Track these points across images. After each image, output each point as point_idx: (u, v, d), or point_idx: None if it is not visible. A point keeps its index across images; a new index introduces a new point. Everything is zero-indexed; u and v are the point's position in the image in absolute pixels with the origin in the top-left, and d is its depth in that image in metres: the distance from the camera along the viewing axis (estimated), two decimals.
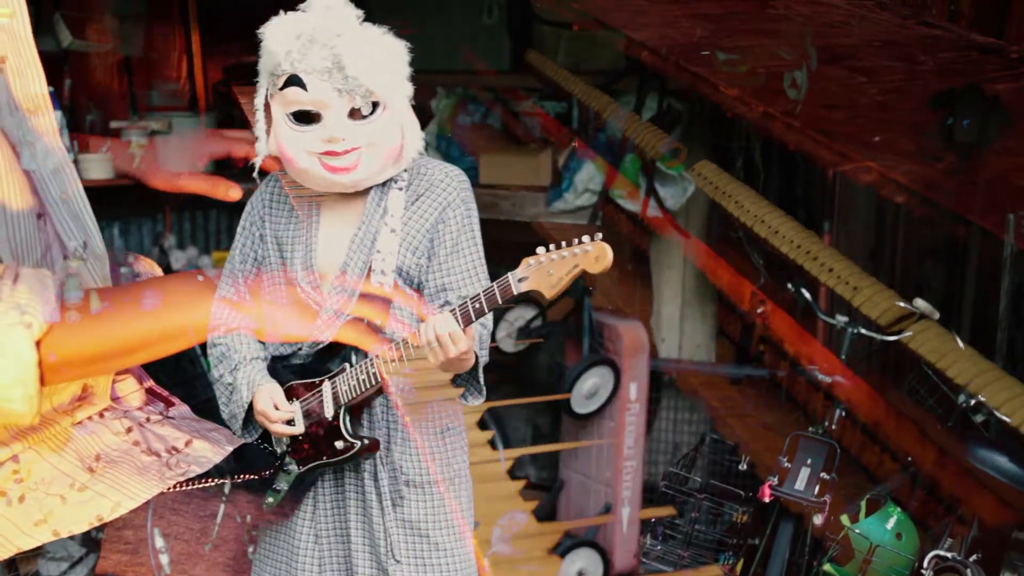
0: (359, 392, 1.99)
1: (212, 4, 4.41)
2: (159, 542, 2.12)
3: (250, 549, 2.17)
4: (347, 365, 2.01)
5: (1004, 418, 2.66)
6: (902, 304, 2.86)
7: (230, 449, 2.18)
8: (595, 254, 1.83)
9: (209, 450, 2.14)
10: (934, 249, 3.37)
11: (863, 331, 2.97)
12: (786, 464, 2.82)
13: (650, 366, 3.96)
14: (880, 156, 2.74)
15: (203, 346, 3.86)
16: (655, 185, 3.97)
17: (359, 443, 2.02)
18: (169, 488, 2.04)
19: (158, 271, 2.45)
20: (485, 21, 4.31)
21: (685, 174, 3.99)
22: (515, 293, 1.86)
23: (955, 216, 2.74)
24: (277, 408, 2.02)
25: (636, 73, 4.08)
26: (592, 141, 4.10)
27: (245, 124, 2.57)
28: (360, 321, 2.00)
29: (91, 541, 2.69)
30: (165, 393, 2.29)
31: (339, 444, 2.02)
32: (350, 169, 1.94)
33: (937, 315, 2.82)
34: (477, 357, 1.97)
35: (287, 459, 2.08)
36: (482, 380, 2.01)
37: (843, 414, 3.06)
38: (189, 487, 2.11)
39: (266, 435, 2.11)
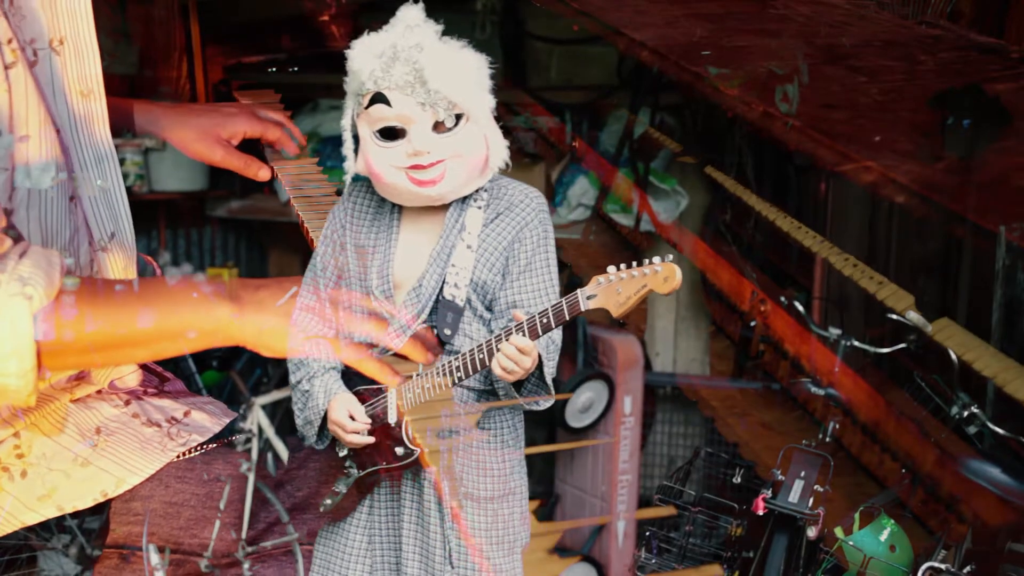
0: (422, 400, 2.00)
1: (213, 4, 4.42)
2: (154, 559, 2.12)
3: (245, 566, 2.18)
4: (413, 373, 2.02)
5: (997, 429, 2.68)
6: (894, 316, 2.88)
7: (227, 421, 2.19)
8: (664, 275, 1.84)
9: (208, 420, 2.15)
10: (927, 263, 3.39)
11: (856, 343, 2.98)
12: (780, 477, 2.83)
13: (644, 380, 3.97)
14: (880, 156, 2.75)
15: (197, 362, 3.88)
16: (648, 200, 3.99)
17: (418, 451, 2.02)
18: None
19: (160, 273, 2.46)
20: (478, 36, 4.33)
21: (678, 188, 4.01)
22: (583, 310, 1.87)
23: (954, 216, 2.75)
24: (353, 418, 2.03)
25: (629, 88, 4.10)
26: (591, 144, 4.11)
27: None
28: (428, 333, 2.02)
29: (86, 558, 2.69)
30: (159, 368, 2.29)
31: (399, 451, 2.03)
32: (436, 182, 1.96)
33: (930, 328, 2.83)
34: (541, 360, 1.97)
35: (348, 462, 2.09)
36: (550, 382, 2.01)
37: (837, 426, 3.07)
38: (191, 454, 2.13)
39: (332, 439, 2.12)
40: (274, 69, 4.31)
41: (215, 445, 2.17)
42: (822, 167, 3.21)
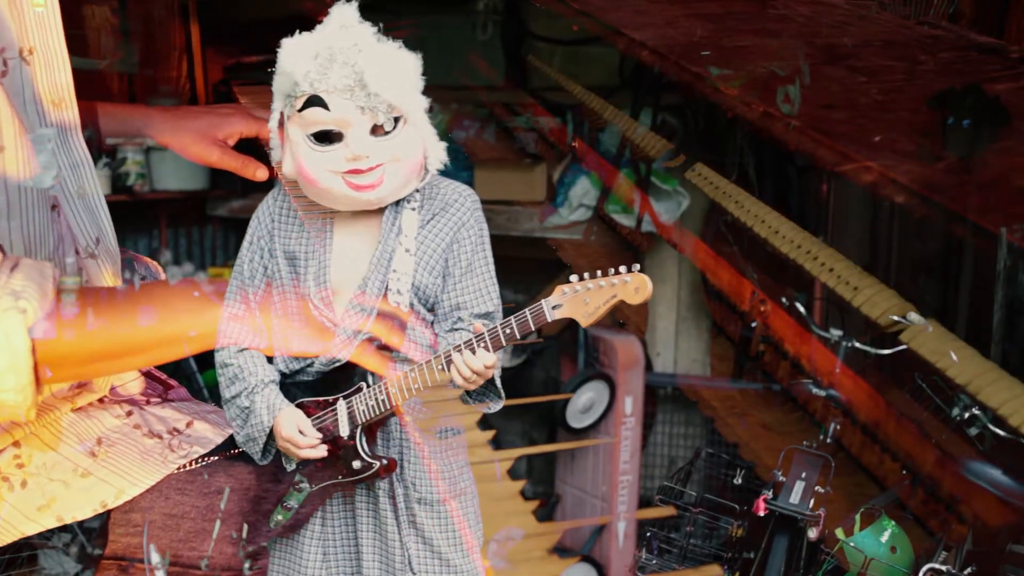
0: (378, 412, 1.98)
1: (213, 4, 4.43)
2: (155, 558, 2.11)
3: (246, 565, 2.17)
4: (364, 385, 1.99)
5: (998, 431, 2.67)
6: (895, 317, 2.88)
7: (231, 431, 2.17)
8: (634, 285, 1.83)
9: (211, 431, 2.13)
10: (928, 264, 3.38)
11: (857, 345, 2.98)
12: (781, 478, 2.83)
13: (645, 380, 3.96)
14: (880, 156, 2.74)
15: (198, 361, 3.88)
16: (649, 201, 3.99)
17: (377, 463, 2.00)
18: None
19: (162, 274, 2.45)
20: (480, 37, 4.33)
21: (679, 189, 4.00)
22: (548, 320, 1.86)
23: (955, 216, 2.75)
24: (303, 433, 2.00)
25: (630, 89, 4.10)
26: (593, 145, 4.11)
27: None
28: (375, 341, 1.99)
29: (87, 557, 2.68)
30: (163, 376, 2.28)
31: (356, 464, 2.00)
32: (375, 186, 1.92)
33: (931, 328, 2.83)
34: None
35: (299, 477, 2.06)
36: (500, 384, 2.00)
37: (838, 427, 3.07)
38: (192, 466, 2.12)
39: (278, 453, 2.09)
40: (274, 69, 4.31)
41: (217, 457, 2.16)
42: (822, 167, 3.21)
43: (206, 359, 4.03)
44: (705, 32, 3.14)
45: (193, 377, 3.83)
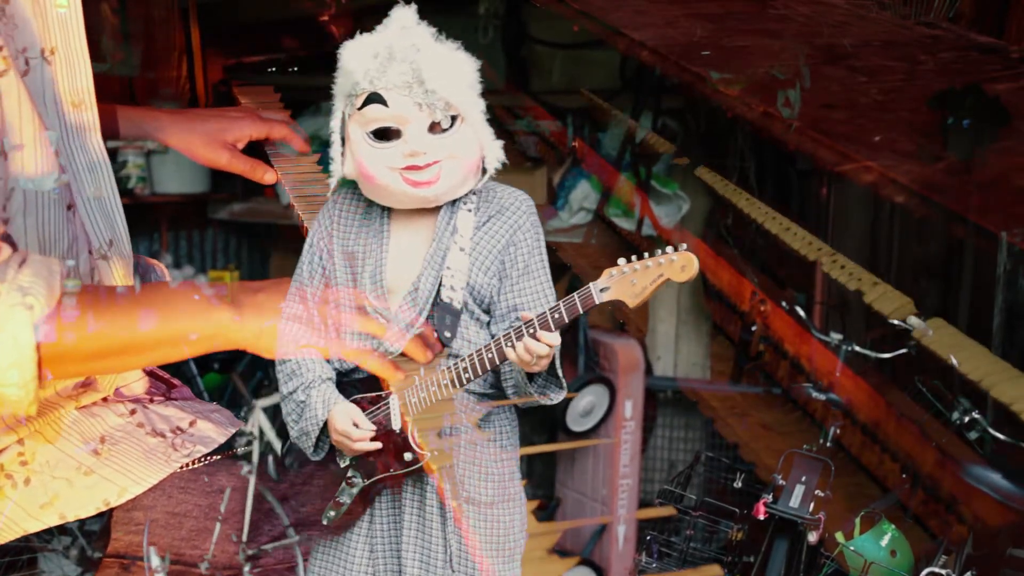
0: (428, 404, 2.00)
1: (213, 4, 4.44)
2: (155, 561, 2.12)
3: (247, 567, 2.17)
4: (415, 377, 2.01)
5: (998, 435, 2.67)
6: (895, 322, 2.88)
7: (233, 431, 2.18)
8: (681, 263, 1.88)
9: (213, 430, 2.14)
10: (928, 267, 3.38)
11: (857, 349, 2.98)
12: (781, 481, 2.83)
13: (645, 384, 3.96)
14: (880, 156, 2.75)
15: (199, 364, 3.88)
16: (650, 204, 3.99)
17: (428, 455, 2.01)
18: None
19: (167, 277, 2.45)
20: (480, 40, 4.34)
21: (680, 192, 4.00)
22: (596, 303, 1.89)
23: (955, 217, 2.75)
24: (357, 426, 2.01)
25: (631, 92, 4.10)
26: (593, 148, 4.12)
27: None
28: (428, 330, 2.01)
29: (87, 560, 2.68)
30: (166, 375, 2.29)
31: (407, 456, 2.02)
32: (432, 183, 1.95)
33: (931, 332, 2.83)
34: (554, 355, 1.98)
35: (351, 472, 2.07)
36: (561, 374, 2.02)
37: (838, 431, 3.07)
38: (195, 465, 2.12)
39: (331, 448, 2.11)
40: (274, 69, 4.33)
41: (219, 456, 2.16)
42: (822, 167, 3.21)
43: (207, 363, 4.05)
44: (705, 32, 3.14)
45: (194, 380, 3.83)
